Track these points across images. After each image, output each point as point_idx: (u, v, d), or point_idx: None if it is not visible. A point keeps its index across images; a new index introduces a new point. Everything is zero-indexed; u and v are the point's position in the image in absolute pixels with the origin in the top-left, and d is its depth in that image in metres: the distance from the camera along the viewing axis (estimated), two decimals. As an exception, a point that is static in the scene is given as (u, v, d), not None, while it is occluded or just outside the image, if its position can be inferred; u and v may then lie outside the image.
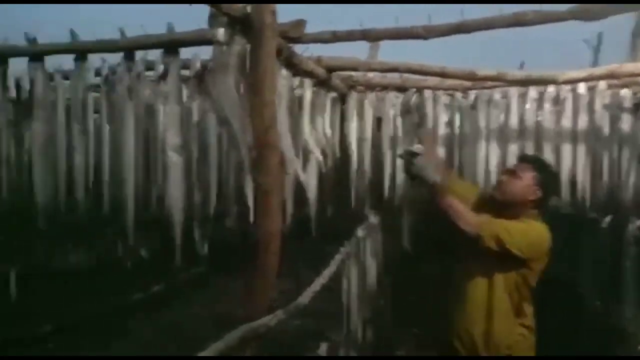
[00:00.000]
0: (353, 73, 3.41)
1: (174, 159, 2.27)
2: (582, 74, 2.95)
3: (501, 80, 3.04)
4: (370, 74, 3.48)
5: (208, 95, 1.85)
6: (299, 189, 3.19)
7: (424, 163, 2.33)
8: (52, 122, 2.57)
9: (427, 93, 3.45)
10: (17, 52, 2.46)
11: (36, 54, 2.44)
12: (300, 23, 2.14)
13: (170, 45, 2.24)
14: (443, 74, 2.99)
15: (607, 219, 3.90)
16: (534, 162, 2.48)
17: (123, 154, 2.49)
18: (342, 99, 3.60)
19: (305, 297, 2.69)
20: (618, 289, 3.62)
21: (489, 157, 3.63)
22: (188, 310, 4.59)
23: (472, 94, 3.66)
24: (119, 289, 4.42)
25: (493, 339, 2.32)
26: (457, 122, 3.75)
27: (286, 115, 2.35)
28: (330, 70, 2.82)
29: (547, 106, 3.48)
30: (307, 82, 2.64)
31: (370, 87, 3.48)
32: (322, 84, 2.98)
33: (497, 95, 3.58)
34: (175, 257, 2.60)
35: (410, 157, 2.34)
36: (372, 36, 2.26)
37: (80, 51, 2.41)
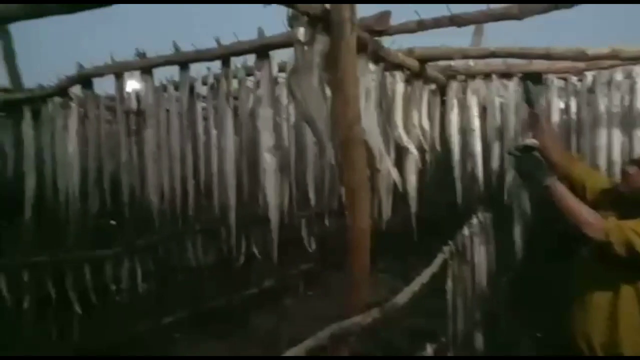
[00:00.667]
0: (452, 62, 3.26)
1: (269, 160, 2.35)
2: None
3: (616, 59, 2.70)
4: (471, 62, 3.30)
5: (293, 95, 1.88)
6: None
7: (537, 161, 2.12)
8: (162, 129, 2.79)
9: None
10: (130, 67, 2.72)
11: (145, 68, 2.67)
12: (385, 15, 2.10)
13: (262, 49, 2.32)
14: (548, 56, 2.72)
15: None
16: None
17: (226, 157, 2.64)
18: (442, 90, 3.46)
19: (403, 297, 2.63)
20: None
21: (611, 146, 3.26)
22: (297, 305, 4.72)
23: (589, 76, 3.30)
24: (235, 285, 4.67)
25: (617, 351, 2.07)
26: (573, 108, 3.42)
27: (376, 110, 2.31)
28: (424, 61, 2.72)
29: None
30: (399, 75, 2.57)
31: (472, 75, 3.29)
32: (417, 76, 2.89)
33: (618, 75, 3.19)
34: (275, 255, 2.69)
35: (522, 153, 2.13)
36: (461, 21, 2.13)
37: (183, 61, 2.59)
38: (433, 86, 3.34)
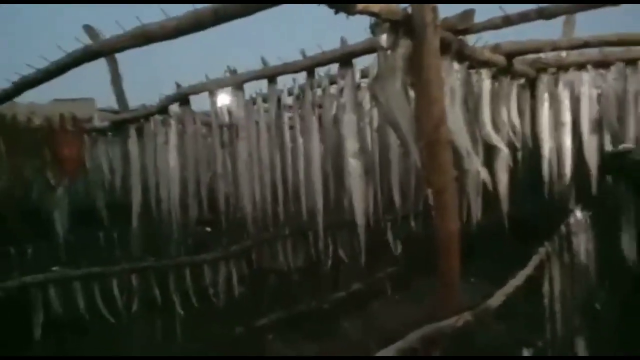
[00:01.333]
0: (542, 55, 3.12)
1: (354, 165, 2.40)
2: None
3: None
4: (563, 53, 3.13)
5: (376, 100, 1.92)
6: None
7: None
8: (253, 140, 2.94)
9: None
10: (223, 84, 2.89)
11: (237, 83, 2.83)
12: (469, 13, 2.07)
13: (345, 58, 2.38)
14: (650, 40, 2.53)
15: None
16: None
17: (312, 163, 2.72)
18: (532, 84, 3.31)
19: (496, 300, 2.56)
20: None
21: None
22: (385, 308, 4.71)
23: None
24: (324, 288, 4.76)
25: None
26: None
27: (462, 110, 2.28)
28: (511, 56, 2.63)
29: None
30: (485, 72, 2.51)
31: (564, 67, 3.13)
32: (504, 71, 2.80)
33: None
34: (363, 259, 2.73)
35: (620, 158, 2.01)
36: (548, 13, 2.04)
37: (271, 75, 2.71)
38: (522, 80, 3.22)
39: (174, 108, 3.38)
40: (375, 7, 1.67)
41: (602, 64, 3.03)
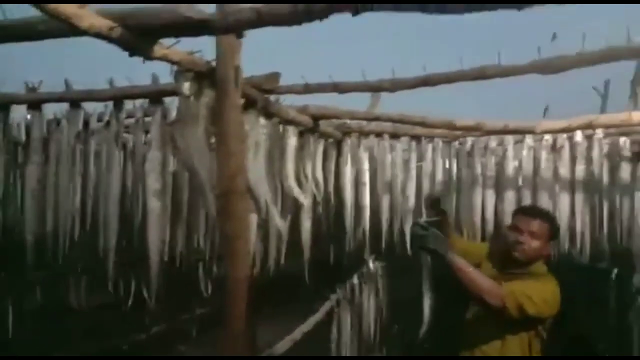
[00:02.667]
0: (348, 120, 3.48)
1: (153, 203, 2.34)
2: (559, 124, 2.93)
3: (479, 130, 3.05)
4: (364, 122, 3.54)
5: (175, 145, 1.93)
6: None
7: (439, 236, 2.30)
8: (44, 165, 2.69)
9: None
10: (17, 100, 2.62)
11: (34, 102, 2.59)
12: (274, 76, 2.23)
13: (154, 95, 2.36)
14: (423, 124, 3.01)
15: (615, 269, 3.82)
16: (547, 218, 2.49)
17: (109, 197, 2.58)
18: (339, 146, 3.66)
19: (283, 345, 2.67)
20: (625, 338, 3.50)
21: (485, 204, 3.60)
22: (189, 350, 4.58)
23: (469, 141, 3.66)
24: (120, 329, 4.46)
25: None
26: (454, 169, 3.75)
27: (265, 162, 2.40)
28: (317, 118, 2.88)
29: (544, 154, 3.45)
30: (291, 129, 2.70)
31: (364, 134, 3.53)
32: (311, 130, 3.05)
33: (493, 142, 3.58)
34: (154, 299, 2.63)
35: (424, 230, 2.30)
36: (341, 88, 2.32)
37: (74, 100, 2.54)
38: (330, 140, 3.54)
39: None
40: (176, 56, 1.70)
41: (394, 135, 3.48)
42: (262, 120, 2.36)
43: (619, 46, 1.86)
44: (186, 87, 1.85)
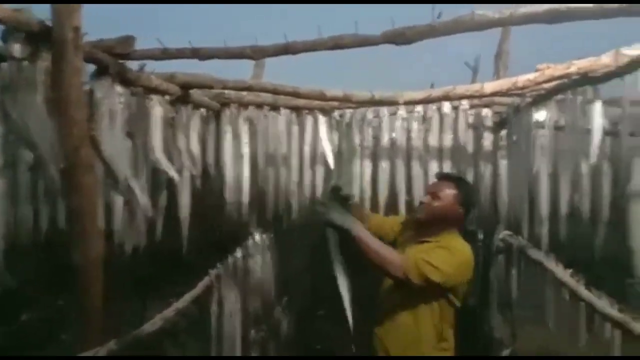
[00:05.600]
0: (226, 91, 3.37)
1: (-5, 182, 2.11)
2: (420, 95, 3.08)
3: (348, 101, 3.12)
4: (244, 92, 3.46)
5: (6, 115, 1.73)
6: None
7: (340, 210, 2.28)
8: None
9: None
10: None
11: None
12: (128, 40, 2.08)
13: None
14: (296, 94, 3.01)
15: (481, 231, 4.15)
16: (454, 180, 2.54)
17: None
18: (218, 117, 3.55)
19: (153, 324, 2.58)
20: (487, 293, 3.83)
21: (363, 175, 3.71)
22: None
23: (348, 113, 3.74)
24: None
25: None
26: (335, 141, 3.81)
27: (122, 133, 2.26)
28: (187, 87, 2.75)
29: (415, 125, 3.61)
30: (157, 98, 2.56)
31: (243, 104, 3.45)
32: (183, 100, 2.91)
33: (369, 114, 3.68)
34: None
35: (324, 206, 2.27)
36: (202, 54, 2.23)
37: None
38: (205, 111, 3.41)
39: None
40: (1, 13, 1.51)
41: (274, 107, 3.45)
42: (118, 88, 2.20)
43: (466, 17, 1.95)
44: (16, 49, 1.66)
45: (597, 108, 2.61)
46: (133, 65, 2.35)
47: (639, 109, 2.34)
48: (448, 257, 2.25)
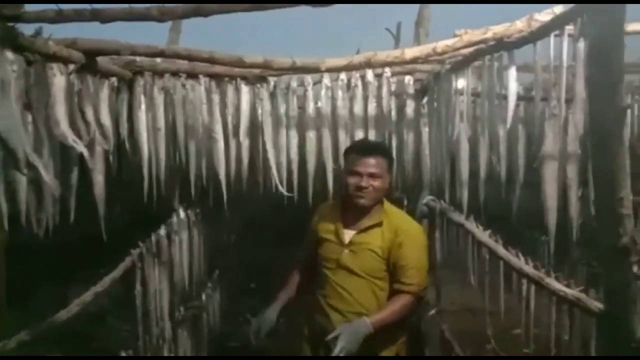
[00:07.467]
0: (137, 58, 3.13)
1: None
2: (342, 62, 3.04)
3: (268, 68, 3.01)
4: (158, 59, 3.23)
5: None
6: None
7: (351, 341, 2.13)
8: None
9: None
10: None
11: None
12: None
13: None
14: (212, 60, 2.85)
15: (406, 197, 4.24)
16: (381, 150, 2.46)
17: None
18: (131, 87, 3.30)
19: (70, 310, 2.41)
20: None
21: (289, 145, 3.63)
22: None
23: (272, 81, 3.60)
24: None
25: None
26: (259, 110, 3.67)
27: (17, 105, 2.02)
28: (92, 54, 2.51)
29: (340, 93, 3.56)
30: (57, 67, 2.31)
31: (158, 73, 3.22)
32: (91, 69, 2.66)
33: (294, 82, 3.58)
34: None
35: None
36: (102, 16, 2.01)
37: None
38: (115, 80, 3.16)
39: None
40: None
41: (191, 75, 3.24)
42: (9, 55, 1.95)
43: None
44: None
45: (512, 74, 2.69)
46: (29, 30, 2.10)
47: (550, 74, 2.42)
48: (418, 250, 2.38)
